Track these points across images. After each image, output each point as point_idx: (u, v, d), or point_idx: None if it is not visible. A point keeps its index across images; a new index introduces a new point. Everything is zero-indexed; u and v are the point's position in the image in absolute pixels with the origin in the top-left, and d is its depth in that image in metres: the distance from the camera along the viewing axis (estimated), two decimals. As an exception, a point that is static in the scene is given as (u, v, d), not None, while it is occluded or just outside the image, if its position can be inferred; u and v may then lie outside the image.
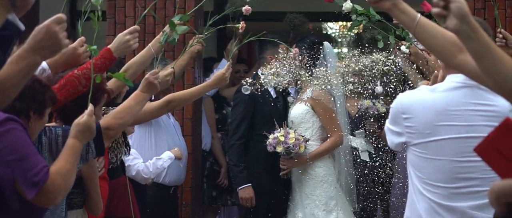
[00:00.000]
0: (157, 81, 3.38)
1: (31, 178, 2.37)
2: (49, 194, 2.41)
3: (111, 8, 5.87)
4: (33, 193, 2.38)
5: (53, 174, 2.43)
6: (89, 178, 3.30)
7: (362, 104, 5.93)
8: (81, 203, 3.35)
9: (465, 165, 2.64)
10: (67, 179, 2.49)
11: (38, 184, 2.38)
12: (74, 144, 2.62)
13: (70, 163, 2.53)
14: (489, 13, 5.72)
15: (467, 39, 2.02)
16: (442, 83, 2.77)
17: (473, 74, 2.32)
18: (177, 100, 4.08)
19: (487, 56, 2.03)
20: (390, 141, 2.88)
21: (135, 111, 3.24)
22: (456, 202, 2.66)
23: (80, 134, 2.65)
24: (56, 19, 2.18)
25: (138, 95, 3.29)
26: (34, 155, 2.43)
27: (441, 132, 2.66)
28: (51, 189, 2.41)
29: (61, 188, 2.46)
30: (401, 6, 2.34)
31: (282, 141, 4.87)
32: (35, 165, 2.40)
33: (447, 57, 2.40)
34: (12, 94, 2.17)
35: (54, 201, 2.47)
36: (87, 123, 2.67)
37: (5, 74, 2.11)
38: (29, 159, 2.40)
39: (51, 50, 2.19)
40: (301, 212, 4.98)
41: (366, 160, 5.84)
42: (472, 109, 2.65)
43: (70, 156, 2.56)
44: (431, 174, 2.70)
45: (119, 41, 3.48)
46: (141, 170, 4.72)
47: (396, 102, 2.81)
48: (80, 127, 2.66)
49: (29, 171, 2.38)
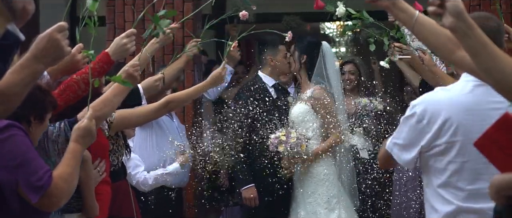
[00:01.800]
0: (137, 73, 3.37)
1: (35, 182, 2.39)
2: (52, 198, 2.44)
3: (110, 13, 5.89)
4: (37, 197, 2.40)
5: (55, 178, 2.45)
6: (84, 183, 3.30)
7: (360, 102, 5.96)
8: (79, 206, 3.36)
9: (488, 165, 2.61)
10: (69, 183, 2.52)
11: (42, 188, 2.40)
12: (75, 148, 2.63)
13: (72, 167, 2.55)
14: (484, 8, 5.75)
15: (463, 37, 2.02)
16: (458, 83, 2.74)
17: (472, 70, 2.33)
18: (176, 101, 4.09)
19: (483, 53, 2.02)
20: (400, 158, 2.78)
21: (113, 103, 3.22)
22: (480, 203, 2.60)
23: (81, 138, 2.67)
24: (57, 27, 2.20)
25: (117, 87, 3.26)
26: (37, 160, 2.45)
27: (466, 131, 2.62)
28: (54, 193, 2.43)
29: (64, 191, 2.49)
30: (399, 4, 2.35)
31: (284, 141, 4.89)
32: (38, 169, 2.42)
33: (446, 54, 2.41)
34: (15, 103, 2.19)
35: (58, 204, 2.50)
36: (88, 127, 2.68)
37: (8, 83, 2.13)
38: (32, 164, 2.42)
39: (54, 58, 2.21)
40: (303, 210, 5.00)
41: (365, 157, 5.86)
42: (492, 107, 2.60)
43: (72, 160, 2.58)
44: (455, 176, 2.66)
45: (117, 45, 3.48)
46: (140, 182, 4.74)
47: (417, 108, 2.75)
48: (80, 131, 2.67)
49: (32, 176, 2.40)
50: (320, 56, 5.15)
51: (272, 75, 5.35)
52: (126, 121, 3.88)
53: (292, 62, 5.23)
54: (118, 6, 5.86)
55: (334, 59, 5.39)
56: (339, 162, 5.16)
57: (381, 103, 6.04)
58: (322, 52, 5.17)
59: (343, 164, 5.17)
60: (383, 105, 6.05)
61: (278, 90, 5.34)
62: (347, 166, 5.19)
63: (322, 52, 5.17)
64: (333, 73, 5.19)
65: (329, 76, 5.15)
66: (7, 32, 2.05)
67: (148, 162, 5.07)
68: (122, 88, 3.26)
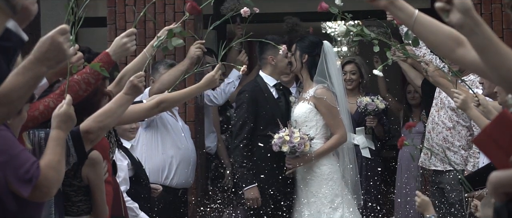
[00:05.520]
0: (142, 84, 3.34)
1: (23, 175, 2.36)
2: (43, 188, 2.40)
3: (111, 14, 5.90)
4: (28, 190, 2.36)
5: (44, 168, 2.41)
6: (95, 185, 3.29)
7: (361, 101, 5.97)
8: (88, 209, 3.35)
9: None
10: (58, 171, 2.48)
11: (31, 180, 2.36)
12: (59, 135, 2.59)
13: (58, 154, 2.51)
14: (485, 8, 5.76)
15: (471, 34, 2.00)
16: None
17: (473, 68, 2.33)
18: (168, 102, 4.00)
19: (491, 50, 2.01)
20: None
21: (117, 114, 3.16)
22: None
23: (63, 124, 2.62)
24: (60, 30, 2.21)
25: (121, 97, 3.21)
26: (22, 153, 2.40)
27: None
28: (44, 183, 2.39)
29: (55, 180, 2.45)
30: (398, 3, 2.32)
31: (287, 140, 4.90)
32: (25, 162, 2.38)
33: (446, 52, 2.41)
34: (18, 106, 2.20)
35: (50, 194, 2.45)
36: (67, 111, 2.63)
37: (12, 86, 2.13)
38: (18, 157, 2.38)
39: (56, 61, 2.21)
40: (307, 210, 5.01)
41: (367, 156, 5.88)
42: None
43: (57, 147, 2.53)
44: None
45: (117, 44, 3.47)
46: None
47: None
48: (61, 117, 2.63)
49: (20, 169, 2.36)
50: (322, 56, 5.16)
51: (273, 75, 5.35)
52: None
53: (294, 61, 5.24)
54: (119, 7, 5.88)
55: (336, 58, 5.40)
56: (342, 161, 5.17)
57: (383, 103, 6.06)
58: (324, 52, 5.18)
59: (346, 163, 5.18)
60: (385, 104, 6.06)
61: (279, 90, 5.35)
62: (350, 165, 5.20)
63: (323, 51, 5.18)
64: (335, 72, 5.20)
65: (331, 76, 5.15)
66: (10, 33, 2.06)
67: (152, 162, 5.08)
68: (126, 98, 3.22)
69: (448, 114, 5.16)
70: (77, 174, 3.27)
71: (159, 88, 4.92)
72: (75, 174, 3.26)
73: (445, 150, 5.04)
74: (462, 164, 5.07)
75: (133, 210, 4.37)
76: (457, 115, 5.11)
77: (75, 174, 3.26)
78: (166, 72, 5.16)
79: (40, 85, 2.93)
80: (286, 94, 5.39)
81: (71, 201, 3.31)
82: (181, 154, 5.22)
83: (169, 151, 5.13)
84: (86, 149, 3.03)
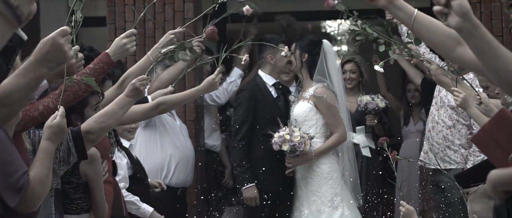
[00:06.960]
0: (144, 88, 3.34)
1: (13, 183, 2.36)
2: (28, 201, 2.41)
3: (111, 14, 5.90)
4: (16, 200, 2.37)
5: (32, 181, 2.43)
6: (93, 181, 3.30)
7: (361, 100, 5.97)
8: (88, 207, 3.36)
9: None
10: (45, 186, 2.50)
11: (20, 191, 2.37)
12: (48, 147, 2.62)
13: (46, 168, 2.54)
14: (485, 7, 5.75)
15: (469, 37, 1.99)
16: None
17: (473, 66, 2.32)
18: (167, 104, 4.01)
19: (489, 53, 2.00)
20: None
21: (118, 116, 3.17)
22: None
23: (54, 136, 2.65)
24: (61, 31, 2.20)
25: (122, 99, 3.22)
26: (16, 160, 2.41)
27: None
28: (30, 196, 2.41)
29: (41, 194, 2.47)
30: (397, 2, 2.31)
31: (287, 139, 4.91)
32: (17, 170, 2.39)
33: (445, 51, 2.41)
34: (19, 108, 2.19)
35: (34, 207, 2.46)
36: (60, 124, 2.66)
37: (12, 87, 2.13)
38: (11, 164, 2.38)
39: (57, 62, 2.21)
40: (307, 209, 5.01)
41: (367, 155, 5.88)
42: None
43: (46, 160, 2.56)
44: None
45: (116, 45, 3.48)
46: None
47: None
48: (53, 129, 2.65)
49: (11, 176, 2.36)
50: (322, 55, 5.17)
51: (272, 74, 5.36)
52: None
53: (293, 60, 5.24)
54: (118, 6, 5.88)
55: (336, 57, 5.41)
56: (342, 160, 5.17)
57: (384, 101, 6.06)
58: (324, 51, 5.18)
59: (346, 162, 5.18)
60: (385, 103, 6.07)
61: (279, 89, 5.35)
62: (350, 164, 5.20)
63: (323, 50, 5.18)
64: (334, 71, 5.20)
65: (330, 75, 5.16)
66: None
67: (151, 161, 5.08)
68: (128, 101, 3.24)
69: (448, 113, 5.17)
70: (75, 170, 3.27)
71: (158, 87, 4.92)
72: (73, 171, 3.27)
73: (445, 148, 5.04)
74: (462, 162, 5.08)
75: (134, 203, 4.39)
76: (457, 113, 5.11)
77: (73, 170, 3.26)
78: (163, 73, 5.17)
79: (41, 85, 2.93)
80: (285, 94, 5.39)
81: (70, 199, 3.31)
82: (179, 153, 5.22)
83: (167, 150, 5.13)
84: (87, 149, 3.04)
